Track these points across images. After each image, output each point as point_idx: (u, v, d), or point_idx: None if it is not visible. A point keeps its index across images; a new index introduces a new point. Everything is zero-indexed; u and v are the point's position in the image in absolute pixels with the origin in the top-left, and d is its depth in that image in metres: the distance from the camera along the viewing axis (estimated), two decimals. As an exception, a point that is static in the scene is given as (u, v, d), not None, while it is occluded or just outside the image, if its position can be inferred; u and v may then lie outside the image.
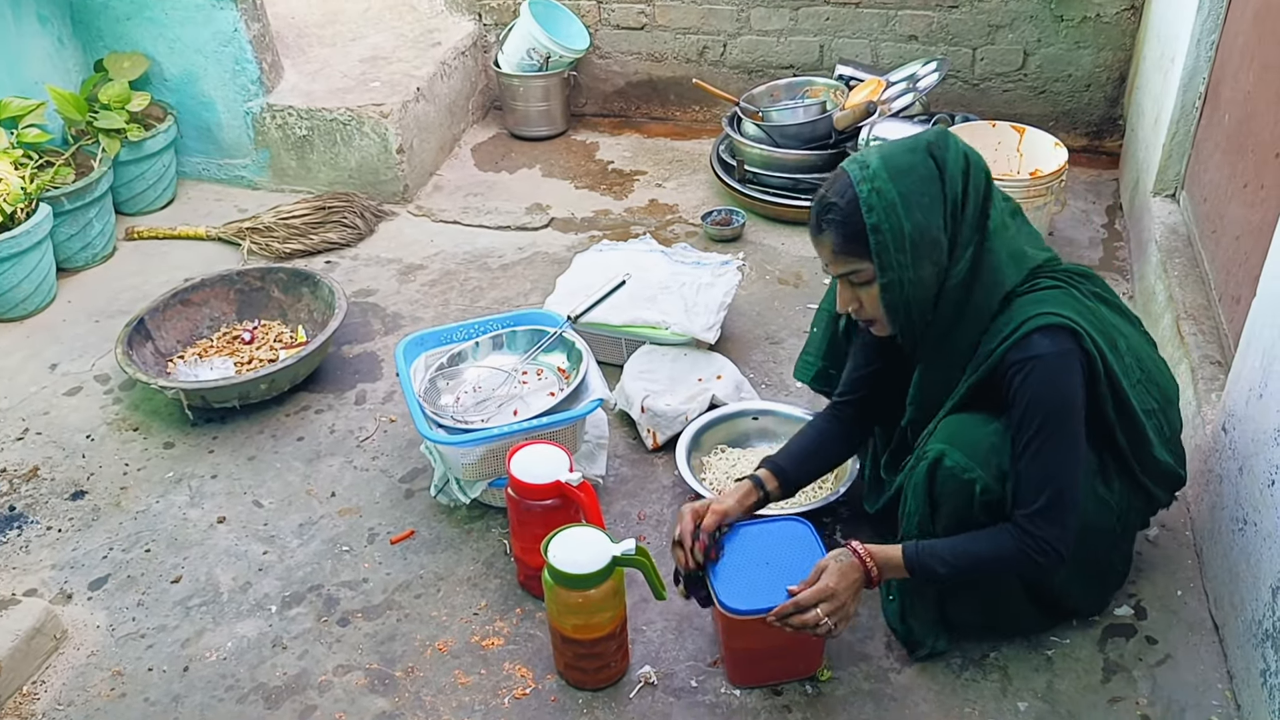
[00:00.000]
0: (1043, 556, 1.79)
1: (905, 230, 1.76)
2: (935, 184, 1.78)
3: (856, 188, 1.77)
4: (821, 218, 1.83)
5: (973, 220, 1.80)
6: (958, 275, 1.81)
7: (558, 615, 1.96)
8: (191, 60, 3.82)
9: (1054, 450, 1.77)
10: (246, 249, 3.58)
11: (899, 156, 1.79)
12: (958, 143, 1.82)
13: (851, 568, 1.85)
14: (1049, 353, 1.76)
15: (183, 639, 2.21)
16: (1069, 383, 1.77)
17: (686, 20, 4.23)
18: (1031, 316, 1.78)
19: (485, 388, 2.50)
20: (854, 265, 1.82)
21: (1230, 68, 2.70)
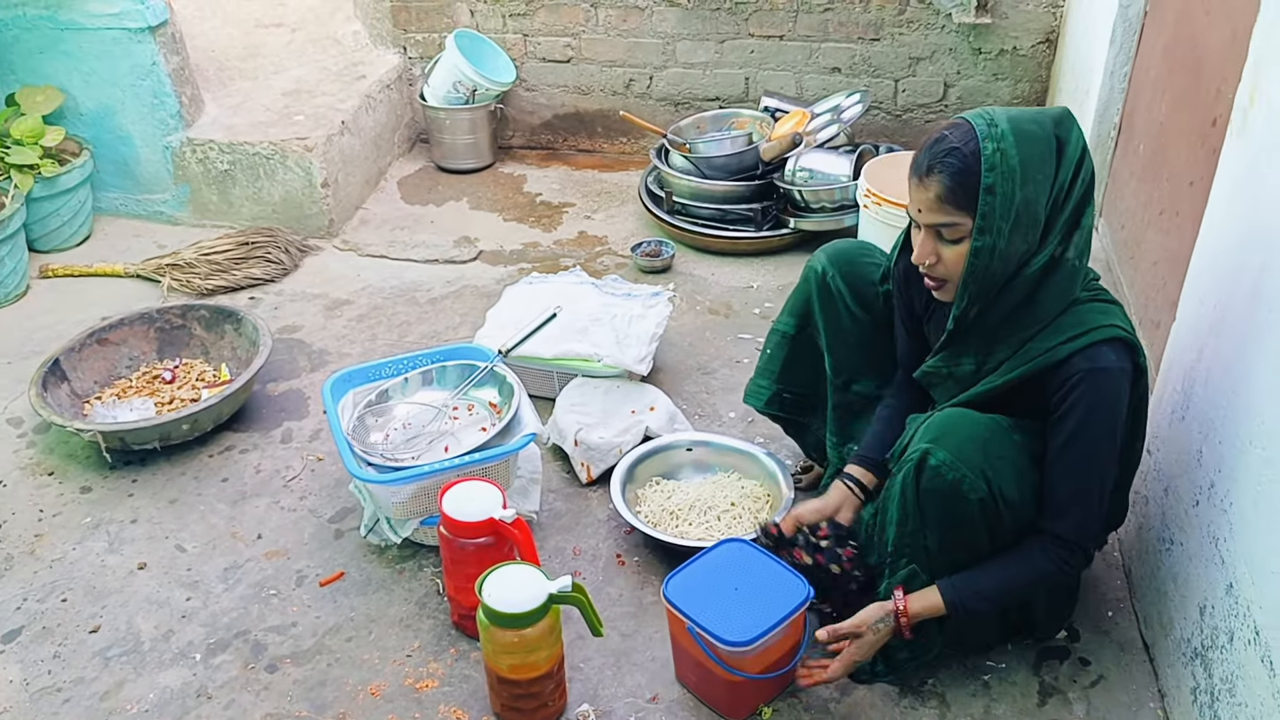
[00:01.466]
0: (1075, 568, 1.87)
1: (1015, 199, 1.70)
2: (1051, 163, 1.72)
3: (982, 143, 1.70)
4: (938, 160, 1.73)
5: (1071, 212, 1.76)
6: (1039, 262, 1.76)
7: (494, 655, 1.92)
8: (108, 94, 3.74)
9: (1100, 464, 1.80)
10: (167, 286, 3.50)
11: (1026, 124, 1.72)
12: (1079, 130, 1.77)
13: (885, 636, 1.92)
14: (1115, 367, 1.75)
15: (102, 692, 2.12)
16: (1123, 401, 1.78)
17: (612, 53, 4.25)
18: (1102, 326, 1.76)
19: (415, 424, 2.45)
20: (954, 218, 1.75)
21: (1143, 98, 2.78)
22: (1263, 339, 1.65)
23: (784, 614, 1.90)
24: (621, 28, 4.18)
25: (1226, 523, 1.73)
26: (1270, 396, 1.60)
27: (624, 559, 2.38)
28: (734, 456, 2.54)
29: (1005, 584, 1.87)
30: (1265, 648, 1.55)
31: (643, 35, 4.18)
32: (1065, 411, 1.78)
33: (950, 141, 1.73)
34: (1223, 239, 1.88)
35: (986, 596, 1.86)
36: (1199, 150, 2.23)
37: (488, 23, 4.31)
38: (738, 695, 1.96)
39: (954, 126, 1.75)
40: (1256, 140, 1.75)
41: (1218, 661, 1.73)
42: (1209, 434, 1.83)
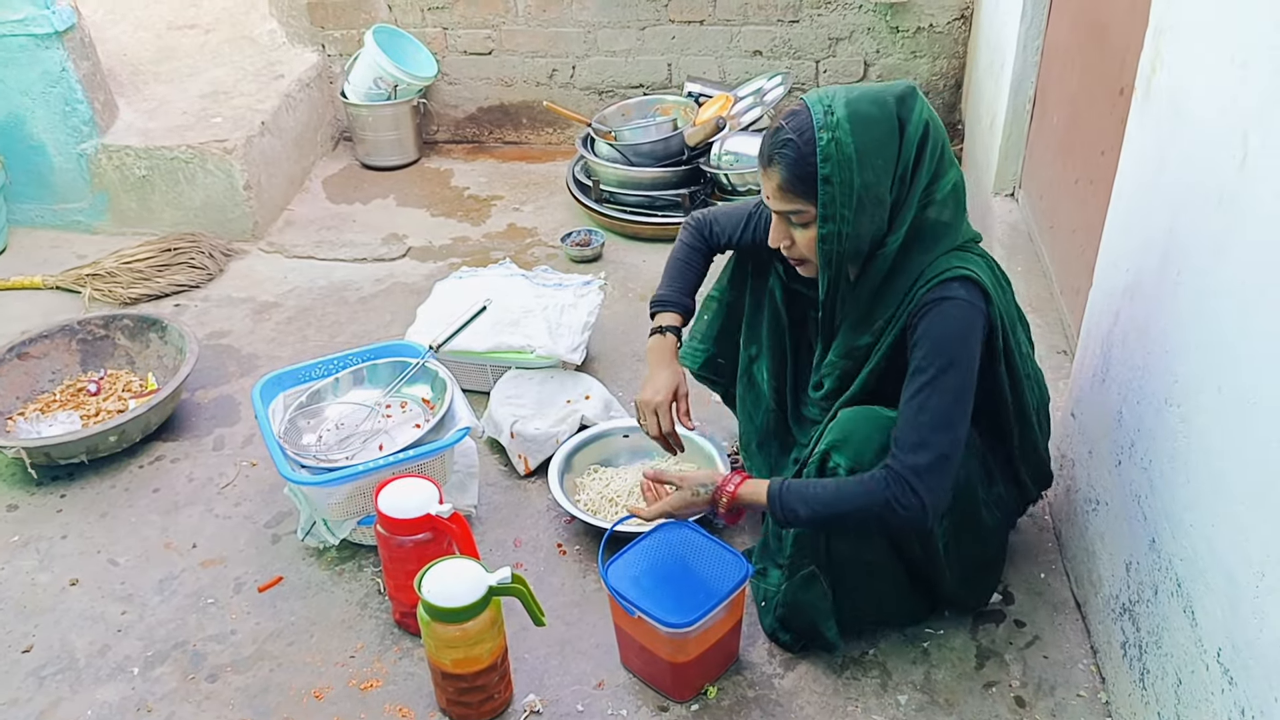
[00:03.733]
0: (908, 512, 1.75)
1: (855, 186, 1.72)
2: (893, 145, 1.74)
3: (817, 134, 1.72)
4: (775, 151, 1.77)
5: (920, 190, 1.78)
6: (894, 240, 1.79)
7: (436, 651, 1.91)
8: (17, 103, 3.64)
9: (949, 402, 1.75)
10: (88, 296, 3.43)
11: (865, 107, 1.73)
12: (924, 106, 1.77)
13: (700, 503, 1.98)
14: (962, 298, 1.75)
15: (37, 712, 2.08)
16: (972, 333, 1.76)
17: (534, 44, 4.24)
18: (954, 267, 1.78)
19: (348, 424, 2.43)
20: (797, 205, 1.78)
21: (1055, 71, 2.83)
22: (1174, 301, 1.69)
23: (724, 593, 1.92)
24: (542, 18, 4.17)
25: (1147, 481, 1.78)
26: (1183, 356, 1.65)
27: (565, 548, 2.38)
28: (670, 441, 2.55)
29: (831, 498, 1.82)
30: (1187, 599, 1.60)
31: (564, 24, 4.17)
32: (915, 343, 1.78)
33: (786, 132, 1.76)
34: (1133, 206, 1.92)
35: (807, 501, 1.82)
36: (1109, 119, 2.29)
37: (406, 17, 4.27)
38: (682, 676, 1.98)
39: (793, 114, 1.77)
40: (1159, 107, 1.79)
41: (1144, 615, 1.78)
42: (1128, 395, 1.88)
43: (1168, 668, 1.68)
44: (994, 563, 2.16)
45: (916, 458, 1.75)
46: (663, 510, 2.03)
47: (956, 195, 1.83)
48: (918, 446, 1.75)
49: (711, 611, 1.89)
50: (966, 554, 2.02)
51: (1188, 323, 1.63)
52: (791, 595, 2.03)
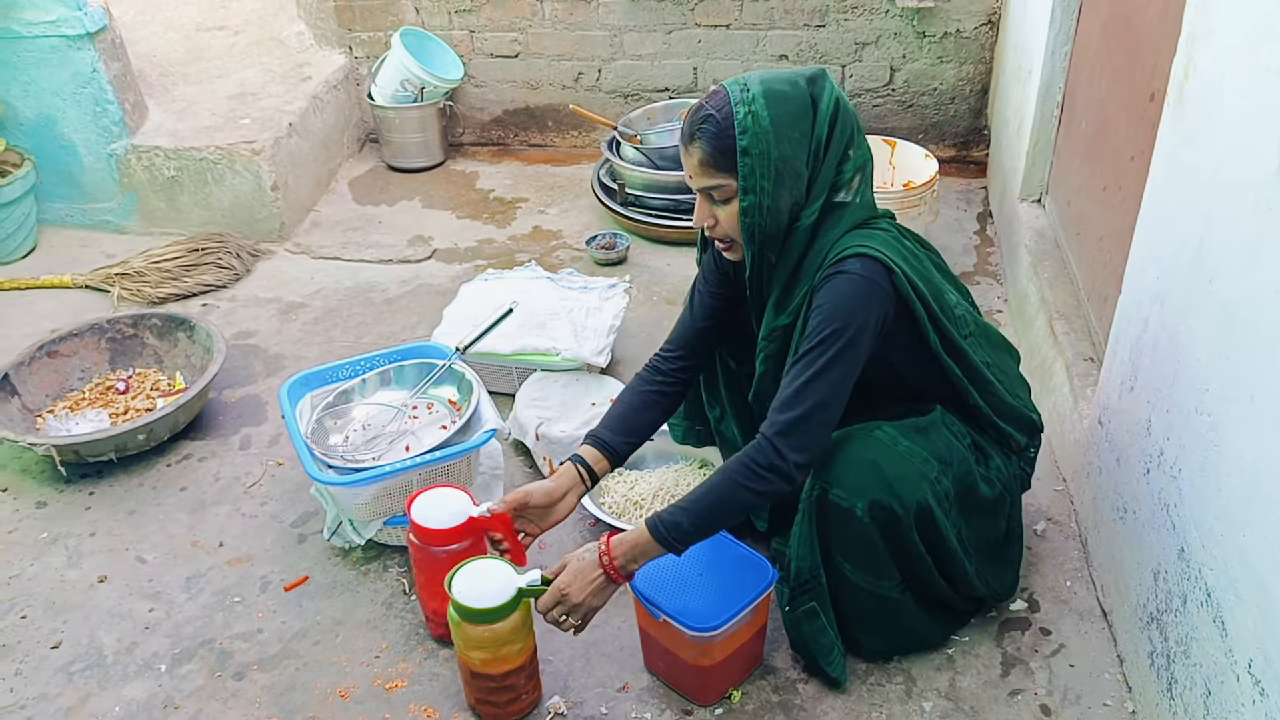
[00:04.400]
0: (771, 472, 1.76)
1: (773, 157, 1.78)
2: (807, 120, 1.80)
3: (734, 108, 1.78)
4: (696, 128, 1.82)
5: (832, 165, 1.83)
6: (809, 215, 1.84)
7: (465, 650, 1.92)
8: (48, 103, 3.68)
9: (826, 369, 1.77)
10: (117, 295, 3.46)
11: (778, 84, 1.80)
12: (833, 86, 1.84)
13: (589, 566, 1.83)
14: (855, 272, 1.79)
15: (66, 707, 2.10)
16: (864, 305, 1.78)
17: (560, 47, 4.25)
18: (854, 245, 1.81)
19: (374, 425, 2.44)
20: (718, 180, 1.83)
21: (1084, 76, 2.82)
22: (1205, 309, 1.68)
23: (750, 598, 1.92)
24: (568, 21, 4.18)
25: (1176, 489, 1.77)
26: (1215, 364, 1.64)
27: (589, 551, 2.38)
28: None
29: (702, 494, 1.81)
30: (1216, 609, 1.59)
31: (590, 28, 4.18)
32: (810, 317, 1.81)
33: (706, 109, 1.81)
34: (1164, 212, 1.91)
35: (683, 509, 1.81)
36: (1139, 125, 2.27)
37: (433, 20, 4.28)
38: (706, 680, 1.98)
39: (713, 95, 1.84)
40: (1192, 113, 1.78)
41: (1172, 625, 1.77)
42: (1157, 403, 1.87)
43: (1196, 678, 1.66)
44: (1010, 543, 2.13)
45: (780, 419, 1.78)
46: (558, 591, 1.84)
47: (864, 174, 1.89)
48: (782, 408, 1.79)
49: (737, 616, 1.89)
50: (979, 534, 2.02)
51: (1219, 330, 1.62)
52: (793, 628, 2.04)
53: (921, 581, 1.99)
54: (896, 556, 1.94)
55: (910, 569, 1.97)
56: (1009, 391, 2.03)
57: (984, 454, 2.01)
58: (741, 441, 2.25)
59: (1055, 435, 2.55)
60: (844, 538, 1.91)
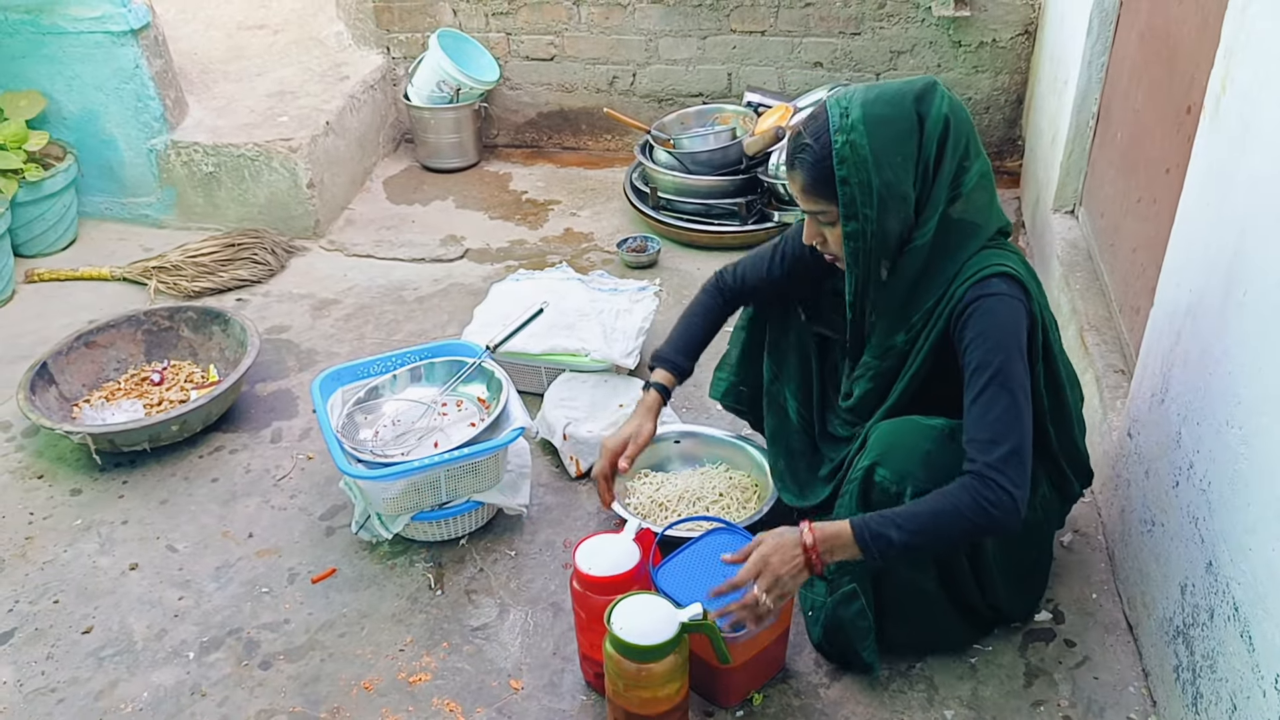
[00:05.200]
0: (999, 509, 1.69)
1: (874, 185, 1.75)
2: (912, 142, 1.76)
3: (832, 136, 1.76)
4: (795, 155, 1.82)
5: (946, 184, 1.79)
6: (924, 235, 1.80)
7: (624, 690, 1.81)
8: (91, 98, 3.74)
9: (1010, 395, 1.72)
10: (153, 288, 3.51)
11: (881, 107, 1.76)
12: (943, 101, 1.78)
13: (790, 544, 1.76)
14: (1004, 292, 1.76)
15: (96, 691, 2.13)
16: (1021, 328, 1.76)
17: (595, 51, 4.27)
18: (992, 264, 1.79)
19: (404, 421, 2.47)
20: (821, 206, 1.82)
21: (1120, 87, 2.81)
22: (1238, 322, 1.67)
23: None
24: (604, 25, 4.20)
25: (1205, 502, 1.76)
26: (1245, 378, 1.63)
27: (614, 551, 2.39)
28: (722, 448, 2.56)
29: (918, 514, 1.74)
30: (1244, 623, 1.58)
31: (625, 32, 4.20)
32: (967, 344, 1.78)
33: (804, 137, 1.81)
34: (1198, 225, 1.90)
35: (896, 523, 1.73)
36: (1175, 137, 2.26)
37: (470, 22, 4.32)
38: (728, 683, 1.98)
39: (811, 118, 1.82)
40: (1229, 127, 1.78)
41: (1199, 639, 1.76)
42: (1187, 416, 1.86)
43: (1222, 693, 1.65)
44: (1041, 568, 2.14)
45: (995, 454, 1.71)
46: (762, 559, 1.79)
47: (984, 186, 1.84)
48: (992, 444, 1.72)
49: None
50: (1015, 558, 2.01)
51: (1252, 344, 1.61)
52: (831, 612, 2.03)
53: (955, 580, 1.99)
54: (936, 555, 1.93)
55: (948, 565, 1.96)
56: (1081, 439, 2.01)
57: (1034, 481, 1.95)
58: (794, 409, 2.26)
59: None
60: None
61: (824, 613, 2.05)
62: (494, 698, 2.06)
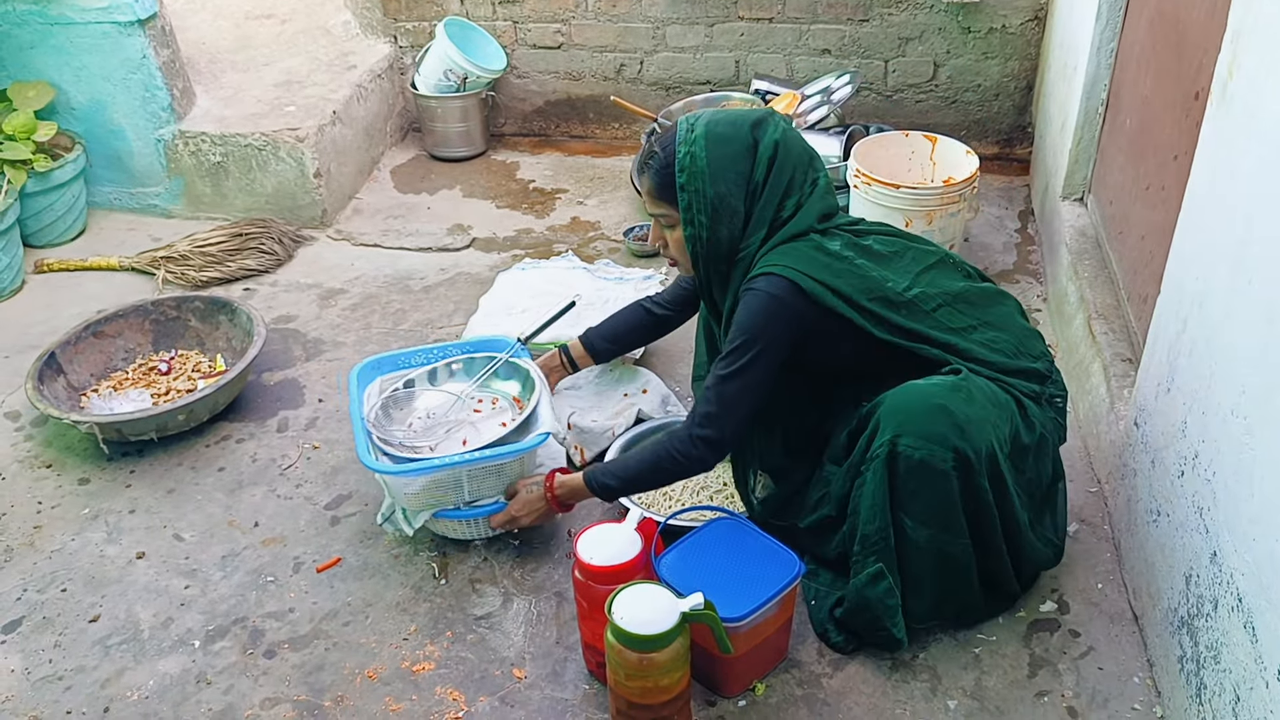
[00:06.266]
0: (687, 459, 2.03)
1: (708, 195, 1.99)
2: (745, 161, 2.00)
3: (677, 146, 2.00)
4: (644, 161, 2.08)
5: (770, 204, 2.01)
6: (747, 249, 2.03)
7: (625, 679, 1.81)
8: (99, 88, 3.75)
9: (736, 375, 1.98)
10: (161, 278, 3.51)
11: (723, 127, 2.00)
12: (777, 130, 2.02)
13: (535, 499, 2.22)
14: (761, 289, 1.97)
15: (102, 679, 2.14)
16: (770, 319, 1.96)
17: (603, 39, 4.25)
18: (764, 265, 1.99)
19: (437, 414, 2.45)
20: (663, 209, 2.08)
21: (1129, 74, 2.78)
22: (1245, 311, 1.66)
23: (777, 589, 1.92)
24: (611, 13, 4.18)
25: (1210, 492, 1.75)
26: (1251, 367, 1.62)
27: (618, 540, 2.39)
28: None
29: (632, 463, 2.12)
30: (1247, 614, 1.57)
31: (633, 20, 4.18)
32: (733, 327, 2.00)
33: (654, 145, 2.06)
34: (1205, 212, 1.88)
35: (614, 473, 2.12)
36: (1183, 124, 2.24)
37: (478, 10, 4.30)
38: (730, 672, 1.98)
39: (665, 131, 2.07)
40: (1236, 113, 1.76)
41: (1203, 630, 1.75)
42: (1193, 405, 1.85)
43: (1226, 684, 1.65)
44: (1056, 483, 2.15)
45: (697, 410, 2.03)
46: (508, 516, 2.26)
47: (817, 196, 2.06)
48: (702, 402, 2.03)
49: (762, 607, 1.89)
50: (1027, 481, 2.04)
51: (1258, 333, 1.60)
52: (856, 593, 2.01)
53: (985, 539, 1.99)
54: (967, 508, 1.94)
55: (979, 522, 1.97)
56: (1004, 354, 2.07)
57: (1019, 402, 2.03)
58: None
59: (1091, 436, 2.52)
60: (913, 491, 1.91)
61: (849, 595, 2.04)
62: (497, 686, 2.07)
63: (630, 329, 2.60)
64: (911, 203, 3.09)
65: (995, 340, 2.08)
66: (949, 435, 1.87)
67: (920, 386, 1.94)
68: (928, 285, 2.08)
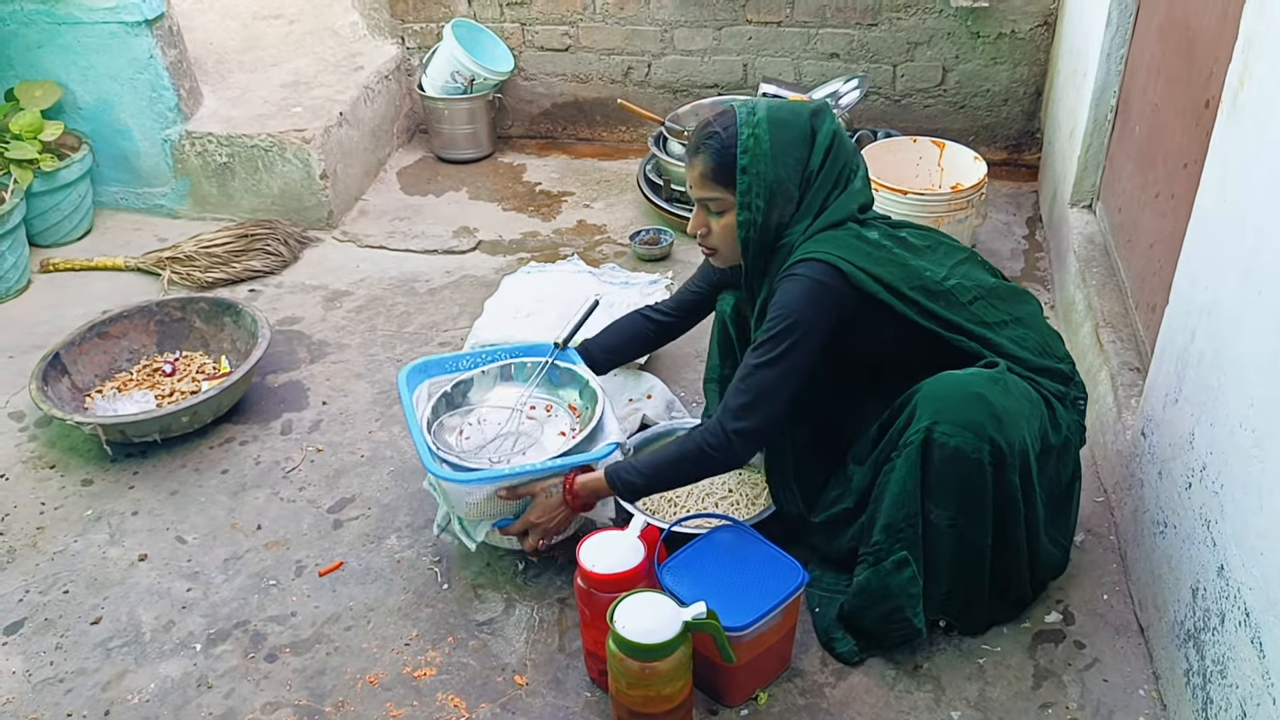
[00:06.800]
0: (718, 452, 1.98)
1: (769, 179, 1.97)
2: (803, 149, 1.99)
3: (739, 129, 1.97)
4: (701, 142, 2.02)
5: (820, 193, 2.01)
6: (792, 235, 2.01)
7: (626, 688, 1.80)
8: (106, 88, 3.75)
9: (773, 362, 1.93)
10: (167, 279, 3.51)
11: (783, 113, 1.99)
12: (834, 122, 2.03)
13: (554, 504, 2.16)
14: (802, 275, 1.94)
15: (103, 682, 2.14)
16: (811, 304, 1.93)
17: (610, 41, 4.24)
18: (804, 251, 1.96)
19: (490, 422, 2.40)
20: (716, 193, 2.03)
21: (1139, 81, 2.77)
22: (1254, 321, 1.64)
23: (780, 598, 1.91)
24: (619, 15, 4.17)
25: (1218, 505, 1.73)
26: (1261, 378, 1.60)
27: (621, 546, 2.38)
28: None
29: (658, 459, 2.06)
30: (1255, 629, 1.56)
31: (640, 23, 4.17)
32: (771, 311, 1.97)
33: (714, 127, 2.01)
34: (1214, 221, 1.87)
35: (639, 470, 2.06)
36: (1193, 132, 2.22)
37: (485, 12, 4.30)
38: (733, 681, 1.97)
39: (721, 114, 2.02)
40: (1247, 122, 1.74)
41: (1210, 644, 1.73)
42: (1201, 416, 1.83)
43: (1232, 699, 1.63)
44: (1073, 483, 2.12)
45: (731, 402, 1.97)
46: (527, 522, 2.19)
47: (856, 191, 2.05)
48: (734, 393, 1.98)
49: (765, 616, 1.88)
50: (1049, 480, 2.03)
51: (1268, 344, 1.58)
52: (879, 580, 1.98)
53: (1008, 535, 1.97)
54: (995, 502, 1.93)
55: (1004, 517, 1.95)
56: (1031, 351, 2.06)
57: (1048, 401, 2.02)
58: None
59: (1098, 445, 2.51)
60: (944, 479, 1.89)
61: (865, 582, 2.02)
62: (498, 693, 2.06)
63: (629, 339, 2.55)
64: (919, 208, 3.08)
65: (1024, 338, 2.07)
66: (986, 425, 1.86)
67: (958, 376, 1.93)
68: (963, 278, 2.07)
